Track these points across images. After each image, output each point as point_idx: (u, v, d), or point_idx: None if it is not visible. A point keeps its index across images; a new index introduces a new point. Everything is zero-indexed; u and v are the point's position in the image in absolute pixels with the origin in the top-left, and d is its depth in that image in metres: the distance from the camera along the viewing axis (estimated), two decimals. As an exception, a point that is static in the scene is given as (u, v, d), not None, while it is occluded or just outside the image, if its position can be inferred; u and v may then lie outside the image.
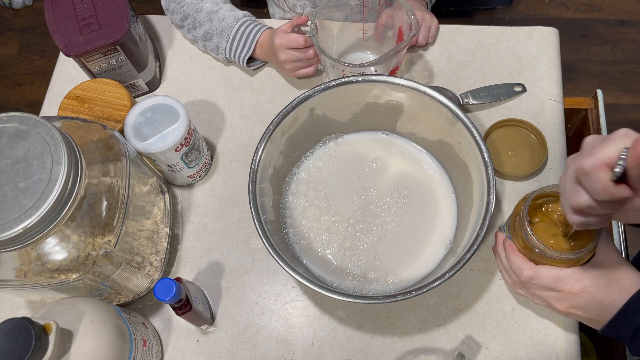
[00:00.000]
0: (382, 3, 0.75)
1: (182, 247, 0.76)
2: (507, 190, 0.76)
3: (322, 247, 0.71)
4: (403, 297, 0.56)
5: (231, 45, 0.83)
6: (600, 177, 0.39)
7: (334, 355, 0.68)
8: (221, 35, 0.83)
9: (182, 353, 0.70)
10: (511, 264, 0.58)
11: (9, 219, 0.50)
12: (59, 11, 0.78)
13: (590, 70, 1.77)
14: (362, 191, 0.74)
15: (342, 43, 0.83)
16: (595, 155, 0.39)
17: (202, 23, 0.84)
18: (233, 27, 0.82)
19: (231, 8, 0.85)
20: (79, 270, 0.56)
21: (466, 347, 0.67)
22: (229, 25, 0.83)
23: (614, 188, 0.39)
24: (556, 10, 1.89)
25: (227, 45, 0.83)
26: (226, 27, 0.83)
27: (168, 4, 0.88)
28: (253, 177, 0.63)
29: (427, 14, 0.86)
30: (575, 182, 0.43)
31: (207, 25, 0.84)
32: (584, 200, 0.42)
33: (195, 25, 0.85)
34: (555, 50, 0.86)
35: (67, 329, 0.54)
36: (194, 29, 0.86)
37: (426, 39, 0.86)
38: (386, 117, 0.73)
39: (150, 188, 0.71)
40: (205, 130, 0.84)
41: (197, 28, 0.85)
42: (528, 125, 0.78)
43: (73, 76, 0.91)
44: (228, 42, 0.83)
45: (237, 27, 0.82)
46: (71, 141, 0.55)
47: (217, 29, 0.83)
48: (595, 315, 0.55)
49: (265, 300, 0.72)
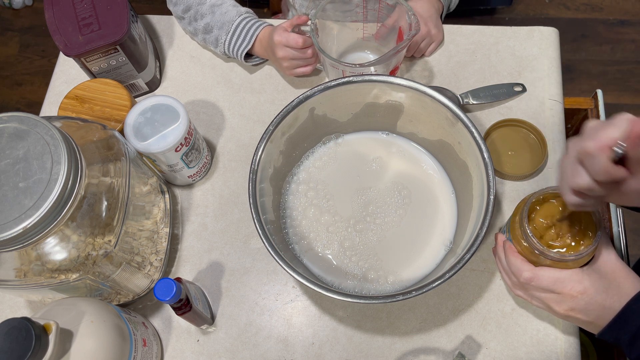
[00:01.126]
0: (382, 5, 0.75)
1: (182, 247, 0.76)
2: (507, 190, 0.76)
3: (322, 247, 0.71)
4: (403, 297, 0.56)
5: (230, 38, 0.83)
6: (602, 158, 0.41)
7: (334, 355, 0.68)
8: (222, 28, 0.83)
9: (182, 353, 0.70)
10: (510, 266, 0.58)
11: (9, 219, 0.50)
12: (59, 11, 0.78)
13: (590, 70, 1.77)
14: (362, 191, 0.74)
15: (342, 43, 0.83)
16: (599, 137, 0.41)
17: (204, 15, 0.85)
18: (234, 21, 0.83)
19: (234, 3, 0.85)
20: (79, 270, 0.56)
21: (466, 347, 0.67)
22: (230, 19, 0.83)
23: (613, 169, 0.41)
24: (556, 10, 1.89)
25: (226, 38, 0.84)
26: (228, 20, 0.83)
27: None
28: (253, 177, 0.63)
29: (434, 29, 0.84)
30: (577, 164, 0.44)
31: (209, 18, 0.84)
32: (584, 181, 0.43)
33: (197, 17, 0.85)
34: (555, 50, 0.86)
35: (67, 329, 0.54)
36: (195, 21, 0.86)
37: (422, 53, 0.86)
38: (386, 117, 0.73)
39: (150, 188, 0.71)
40: (205, 130, 0.84)
41: (198, 20, 0.85)
42: (528, 125, 0.78)
43: (73, 76, 0.91)
44: (228, 35, 0.83)
45: (238, 21, 0.83)
46: (71, 141, 0.55)
47: (219, 21, 0.84)
48: (594, 318, 0.55)
49: (265, 300, 0.72)
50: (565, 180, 0.46)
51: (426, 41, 0.84)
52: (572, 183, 0.45)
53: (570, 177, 0.45)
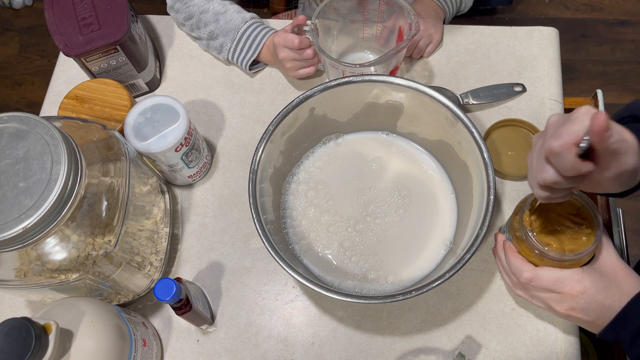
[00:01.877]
0: (382, 5, 0.75)
1: (182, 247, 0.76)
2: (507, 190, 0.76)
3: (322, 247, 0.71)
4: (403, 297, 0.56)
5: (236, 46, 0.83)
6: (569, 155, 0.41)
7: (334, 355, 0.68)
8: (227, 35, 0.83)
9: (182, 353, 0.70)
10: (511, 266, 0.58)
11: (9, 219, 0.50)
12: (59, 11, 0.78)
13: (590, 70, 1.77)
14: (362, 191, 0.74)
15: (342, 43, 0.83)
16: (563, 135, 0.41)
17: (208, 23, 0.84)
18: (240, 29, 0.82)
19: (238, 9, 0.85)
20: (79, 270, 0.56)
21: (466, 347, 0.67)
22: (236, 26, 0.82)
23: (580, 164, 0.41)
24: (556, 10, 1.89)
25: (231, 45, 0.83)
26: (233, 27, 0.83)
27: (174, 2, 0.87)
28: (253, 177, 0.63)
29: (431, 29, 0.85)
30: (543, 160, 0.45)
31: (213, 26, 0.84)
32: (550, 176, 0.44)
33: (200, 26, 0.85)
34: (555, 50, 0.86)
35: (67, 329, 0.54)
36: (197, 29, 0.86)
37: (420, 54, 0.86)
38: (386, 117, 0.73)
39: (150, 188, 0.71)
40: (205, 130, 0.84)
41: (201, 28, 0.85)
42: (528, 125, 0.78)
43: (73, 76, 0.91)
44: (233, 42, 0.83)
45: (244, 29, 0.82)
46: (71, 141, 0.55)
47: (224, 29, 0.83)
48: (594, 318, 0.55)
49: (265, 300, 0.72)
50: (533, 175, 0.47)
51: (424, 40, 0.84)
52: (539, 179, 0.45)
53: (536, 172, 0.46)
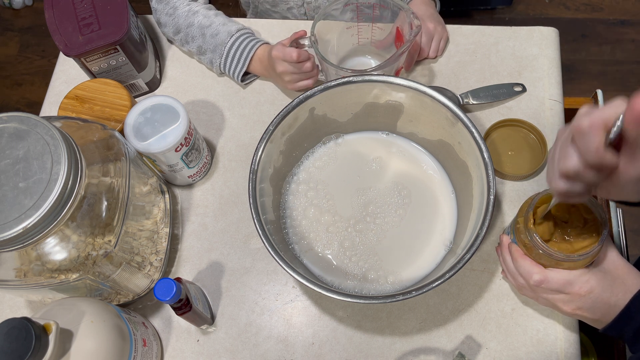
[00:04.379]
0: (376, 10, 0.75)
1: (182, 247, 0.76)
2: (507, 190, 0.76)
3: (322, 247, 0.71)
4: (403, 297, 0.56)
5: (225, 60, 0.83)
6: (596, 137, 0.39)
7: (334, 355, 0.68)
8: (215, 51, 0.82)
9: (182, 353, 0.70)
10: (519, 269, 0.58)
11: (9, 219, 0.50)
12: (59, 11, 0.78)
13: (590, 70, 1.77)
14: (362, 191, 0.74)
15: (340, 50, 0.83)
16: (594, 115, 0.40)
17: (195, 38, 0.83)
18: (226, 43, 0.81)
19: (223, 22, 0.83)
20: (79, 270, 0.56)
21: (466, 347, 0.67)
22: (222, 41, 0.82)
23: (605, 152, 0.39)
24: (556, 10, 1.89)
25: (220, 61, 0.83)
26: (219, 42, 0.82)
27: (159, 17, 0.86)
28: (253, 177, 0.63)
29: (438, 26, 0.85)
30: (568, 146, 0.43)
31: (200, 40, 0.83)
32: (573, 164, 0.42)
33: (188, 40, 0.84)
34: (555, 50, 0.86)
35: (67, 329, 0.54)
36: (187, 44, 0.85)
37: (436, 52, 0.85)
38: (386, 117, 0.73)
39: (150, 188, 0.71)
40: (205, 130, 0.84)
41: (189, 42, 0.84)
42: (528, 125, 0.78)
43: (73, 76, 0.91)
44: (222, 57, 0.82)
45: (230, 43, 0.81)
46: (71, 141, 0.55)
47: (211, 44, 0.82)
48: (600, 316, 0.56)
49: (265, 300, 0.72)
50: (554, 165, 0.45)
51: (436, 38, 0.84)
52: (561, 165, 0.43)
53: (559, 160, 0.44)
